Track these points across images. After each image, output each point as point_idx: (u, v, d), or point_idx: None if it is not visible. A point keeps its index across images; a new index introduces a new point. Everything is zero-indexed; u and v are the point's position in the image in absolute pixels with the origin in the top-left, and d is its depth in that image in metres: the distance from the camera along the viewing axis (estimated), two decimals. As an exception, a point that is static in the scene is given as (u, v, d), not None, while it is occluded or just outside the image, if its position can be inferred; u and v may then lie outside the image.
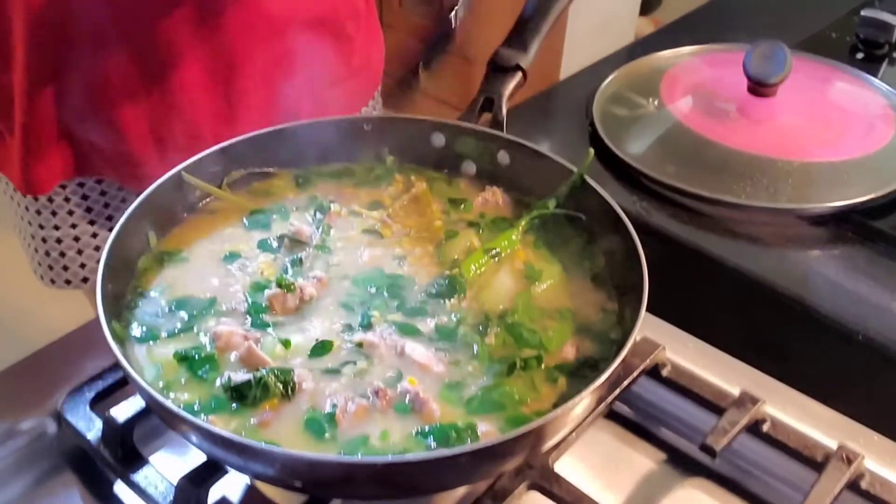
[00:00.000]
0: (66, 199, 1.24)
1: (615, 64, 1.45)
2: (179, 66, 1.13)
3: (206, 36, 1.12)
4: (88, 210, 1.26)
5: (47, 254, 1.29)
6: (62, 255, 1.29)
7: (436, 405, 0.76)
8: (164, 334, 0.82)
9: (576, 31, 3.02)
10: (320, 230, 0.93)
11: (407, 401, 0.76)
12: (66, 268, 1.30)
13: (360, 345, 0.80)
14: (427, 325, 0.83)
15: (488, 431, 0.74)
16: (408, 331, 0.83)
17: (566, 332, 0.85)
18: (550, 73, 2.91)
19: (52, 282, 1.32)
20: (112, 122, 1.14)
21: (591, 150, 0.96)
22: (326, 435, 0.73)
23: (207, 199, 0.96)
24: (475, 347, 0.82)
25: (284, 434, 0.73)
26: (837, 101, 1.39)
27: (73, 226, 1.26)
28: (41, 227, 1.27)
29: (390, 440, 0.73)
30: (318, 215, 0.96)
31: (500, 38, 1.08)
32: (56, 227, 1.26)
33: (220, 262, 0.90)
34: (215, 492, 0.77)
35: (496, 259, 0.91)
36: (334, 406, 0.75)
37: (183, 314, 0.84)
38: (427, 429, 0.74)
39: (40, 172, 1.18)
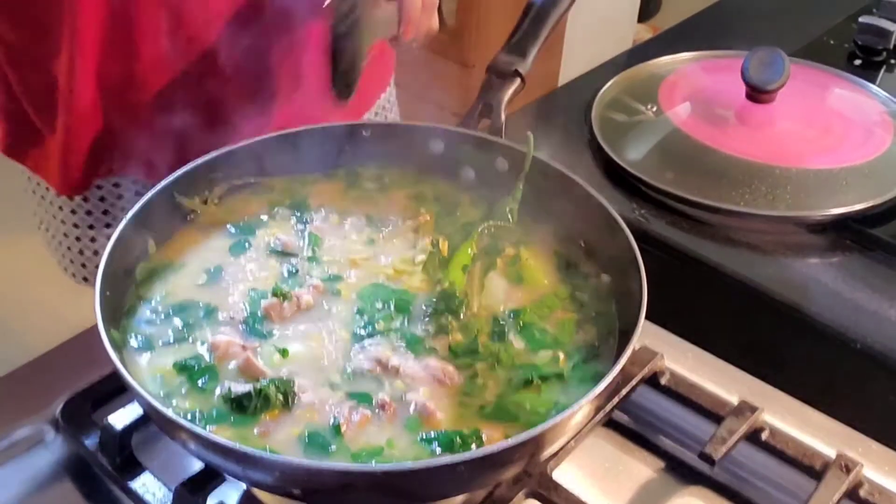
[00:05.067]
0: (102, 199, 1.25)
1: (613, 70, 1.45)
2: (210, 59, 1.13)
3: (232, 24, 1.12)
4: (123, 210, 1.26)
5: (81, 252, 1.30)
6: (95, 253, 1.29)
7: (442, 414, 0.76)
8: (162, 343, 0.82)
9: (574, 36, 3.02)
10: (308, 241, 0.93)
11: (411, 411, 0.76)
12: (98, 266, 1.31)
13: (367, 370, 0.80)
14: (441, 341, 0.83)
15: (493, 437, 0.74)
16: (419, 349, 0.83)
17: (573, 322, 0.86)
18: (549, 79, 2.91)
19: (86, 280, 1.33)
20: (147, 116, 1.14)
21: (531, 134, 0.96)
22: (333, 447, 0.73)
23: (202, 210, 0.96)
24: (496, 355, 0.82)
25: (286, 445, 0.73)
26: (836, 107, 1.39)
27: (108, 225, 1.27)
28: (76, 226, 1.27)
29: (397, 448, 0.73)
30: (300, 226, 0.96)
31: (499, 45, 1.08)
32: (91, 227, 1.27)
33: (215, 271, 0.90)
34: (213, 499, 0.77)
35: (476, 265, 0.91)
36: (336, 418, 0.75)
37: (181, 323, 0.84)
38: (432, 435, 0.74)
39: (78, 172, 1.18)
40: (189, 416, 0.74)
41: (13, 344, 2.50)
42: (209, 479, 0.76)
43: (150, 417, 0.75)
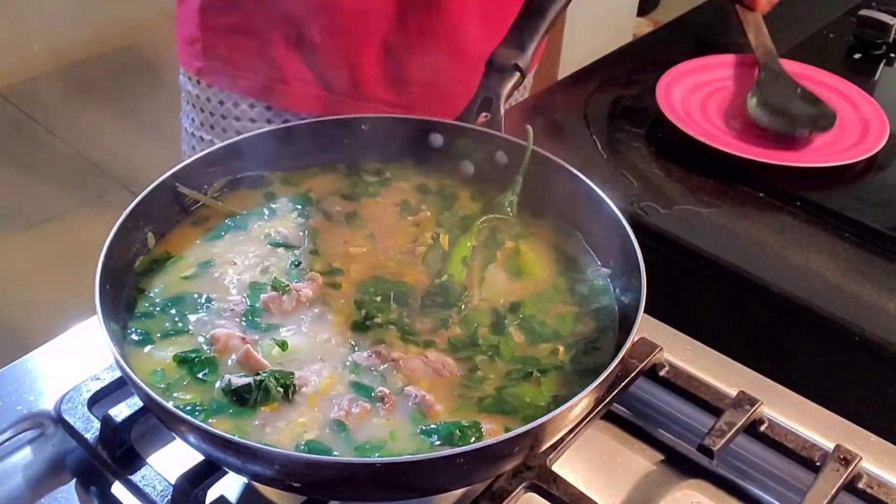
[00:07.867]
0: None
1: (613, 63, 1.45)
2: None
3: None
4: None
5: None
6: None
7: (441, 406, 0.76)
8: (162, 336, 0.82)
9: (574, 30, 3.02)
10: (308, 235, 0.94)
11: (411, 404, 0.76)
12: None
13: (366, 363, 0.80)
14: (440, 334, 0.84)
15: (492, 430, 0.74)
16: (418, 342, 0.83)
17: (572, 315, 0.86)
18: (549, 73, 2.91)
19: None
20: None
21: (530, 128, 0.96)
22: (335, 452, 0.73)
23: (200, 203, 0.96)
24: (496, 348, 0.82)
25: (286, 437, 0.73)
26: (833, 103, 1.39)
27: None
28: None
29: (398, 440, 0.73)
30: (300, 219, 0.96)
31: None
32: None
33: (214, 264, 0.90)
34: (213, 492, 0.77)
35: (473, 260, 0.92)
36: (336, 410, 0.75)
37: (181, 316, 0.84)
38: (431, 427, 0.74)
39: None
40: (189, 409, 0.75)
41: (12, 338, 2.50)
42: (210, 471, 0.76)
43: (150, 410, 0.75)
